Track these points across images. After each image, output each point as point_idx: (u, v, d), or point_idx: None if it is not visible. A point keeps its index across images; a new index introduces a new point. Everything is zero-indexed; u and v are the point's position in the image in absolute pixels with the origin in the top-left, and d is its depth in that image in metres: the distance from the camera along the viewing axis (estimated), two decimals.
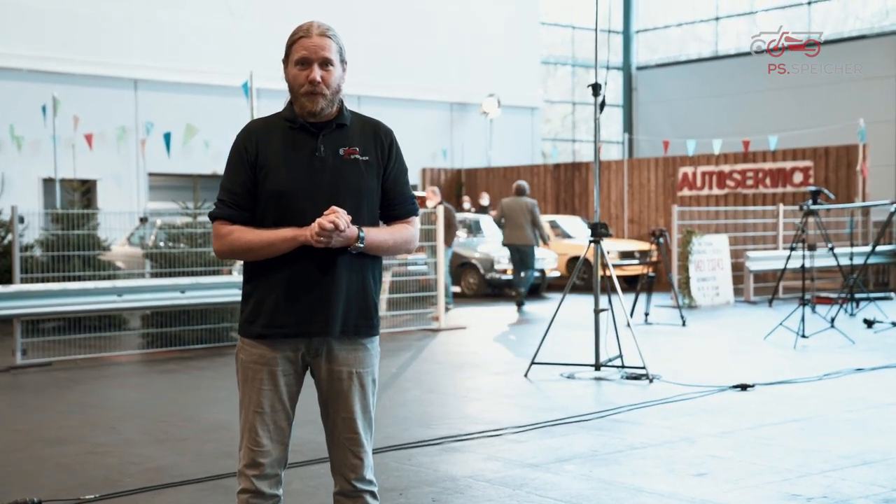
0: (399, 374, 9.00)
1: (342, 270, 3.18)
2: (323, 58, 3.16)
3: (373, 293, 3.28)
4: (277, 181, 3.15)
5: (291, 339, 3.21)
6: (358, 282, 3.23)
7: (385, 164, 3.27)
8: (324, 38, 3.17)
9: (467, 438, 6.30)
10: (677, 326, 12.42)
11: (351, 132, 3.25)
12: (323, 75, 3.16)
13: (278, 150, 3.19)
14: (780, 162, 18.38)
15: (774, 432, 6.37)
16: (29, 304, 9.38)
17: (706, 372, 8.84)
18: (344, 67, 3.25)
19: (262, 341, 3.21)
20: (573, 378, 8.63)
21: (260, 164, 3.18)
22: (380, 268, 3.33)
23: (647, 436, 6.34)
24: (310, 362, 3.27)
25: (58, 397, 7.88)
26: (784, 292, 16.17)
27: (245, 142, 3.23)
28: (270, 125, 3.26)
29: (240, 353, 3.29)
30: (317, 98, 3.16)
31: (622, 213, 20.27)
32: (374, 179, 3.24)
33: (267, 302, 3.19)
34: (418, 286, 13.92)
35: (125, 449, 6.04)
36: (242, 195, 3.20)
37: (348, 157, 3.20)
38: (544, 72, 28.60)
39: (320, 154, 3.19)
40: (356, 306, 3.23)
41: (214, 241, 3.23)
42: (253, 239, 3.15)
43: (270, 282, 3.19)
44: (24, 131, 17.84)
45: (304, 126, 3.21)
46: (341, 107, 3.26)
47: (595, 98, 8.74)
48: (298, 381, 3.29)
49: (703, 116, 27.23)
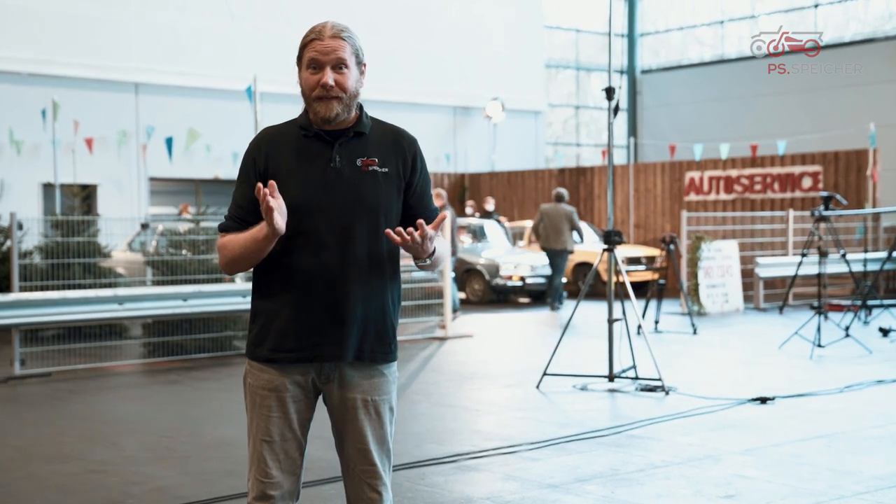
0: (407, 386, 8.76)
1: (358, 289, 2.94)
2: (336, 59, 2.93)
3: (392, 315, 3.05)
4: (288, 195, 2.91)
5: (301, 364, 2.98)
6: (377, 303, 3.00)
7: (409, 177, 3.03)
8: (337, 40, 2.95)
9: (482, 456, 6.07)
10: (688, 335, 12.19)
11: (370, 141, 3.02)
12: (337, 78, 2.93)
13: (290, 160, 2.96)
14: (788, 167, 18.16)
15: (801, 449, 6.14)
16: (28, 313, 9.15)
17: (722, 383, 8.61)
18: (362, 70, 3.02)
19: (270, 365, 2.99)
20: (586, 390, 8.40)
21: (270, 176, 2.95)
22: (399, 288, 3.09)
23: (668, 453, 6.10)
24: (321, 388, 3.04)
25: (57, 410, 7.64)
26: (794, 299, 15.94)
27: (254, 153, 3.00)
28: (283, 133, 3.03)
29: (247, 377, 3.06)
30: (331, 103, 2.93)
31: (628, 218, 20.04)
32: (395, 193, 3.00)
33: (275, 323, 2.97)
34: (423, 293, 13.71)
35: (127, 467, 5.80)
36: (249, 210, 2.97)
37: (366, 168, 2.97)
38: (547, 75, 28.38)
39: (335, 165, 2.95)
40: (374, 329, 3.00)
41: (219, 256, 3.02)
42: (237, 245, 2.94)
43: (279, 301, 2.96)
44: (23, 136, 17.62)
45: (319, 134, 2.98)
46: (360, 113, 3.03)
47: (609, 102, 8.53)
48: (310, 408, 3.06)
49: (710, 120, 27.01)
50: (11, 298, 9.11)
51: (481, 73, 24.23)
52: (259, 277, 3.02)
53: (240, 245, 2.93)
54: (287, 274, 2.94)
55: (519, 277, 16.50)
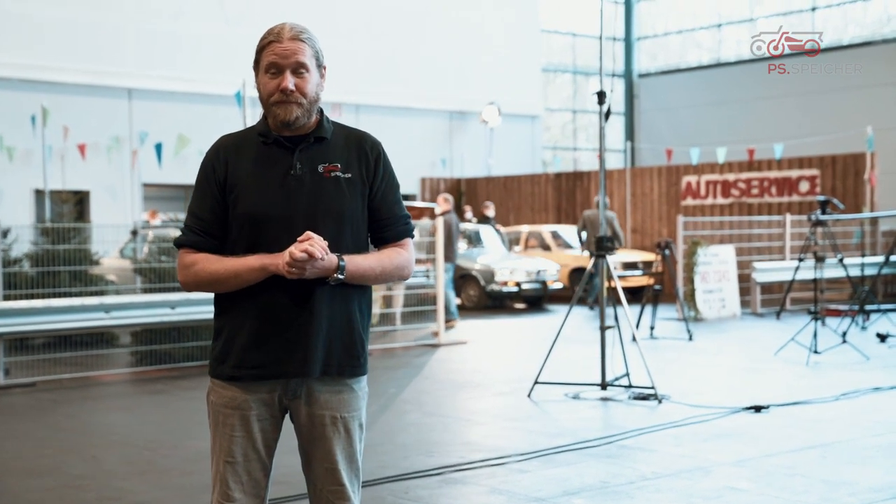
0: (398, 395, 8.63)
1: (323, 302, 2.81)
2: (296, 63, 2.80)
3: (360, 327, 2.91)
4: (248, 204, 2.80)
5: (266, 381, 2.85)
6: (342, 315, 2.86)
7: (371, 181, 2.90)
8: (297, 42, 2.81)
9: (469, 468, 5.93)
10: (684, 341, 12.05)
11: (332, 146, 2.88)
12: (297, 82, 2.80)
13: (249, 168, 2.83)
14: (785, 170, 18.03)
15: (794, 460, 6.00)
16: (11, 322, 9.01)
17: (717, 391, 8.48)
18: (322, 73, 2.89)
19: (234, 383, 2.86)
20: (578, 398, 8.26)
21: (230, 186, 2.82)
22: (369, 297, 2.96)
23: (659, 464, 5.97)
24: (288, 405, 2.91)
25: (39, 421, 7.50)
26: (791, 304, 15.82)
27: (213, 161, 2.87)
28: (242, 141, 2.90)
29: (210, 395, 2.93)
30: (290, 107, 2.80)
31: (625, 222, 19.91)
32: (359, 199, 2.87)
33: (238, 339, 2.83)
34: (417, 300, 13.58)
35: (104, 481, 5.66)
36: (211, 221, 2.84)
37: (328, 174, 2.84)
38: (544, 79, 28.26)
39: (296, 172, 2.82)
40: (340, 342, 2.86)
41: (179, 271, 2.87)
42: (219, 269, 2.79)
43: (242, 316, 2.83)
44: (16, 142, 17.48)
45: (279, 140, 2.85)
46: (321, 118, 2.90)
47: (600, 107, 8.39)
48: (276, 427, 2.92)
49: (707, 124, 26.89)
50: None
51: (478, 77, 24.11)
52: (221, 293, 2.89)
53: (226, 272, 2.78)
54: (250, 288, 2.81)
55: (514, 283, 16.36)
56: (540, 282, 16.56)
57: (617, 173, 20.52)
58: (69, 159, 17.74)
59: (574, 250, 17.94)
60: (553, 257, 17.79)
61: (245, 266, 2.77)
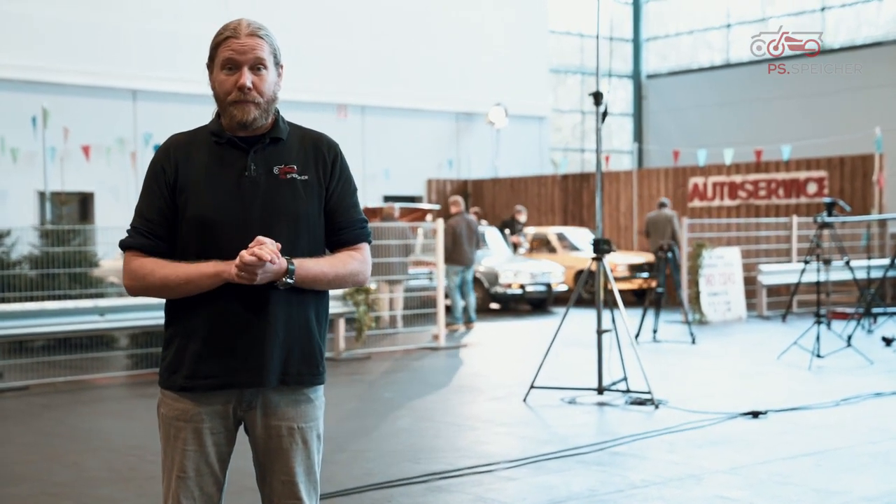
0: (392, 400, 8.53)
1: (279, 308, 2.71)
2: (254, 59, 2.70)
3: (317, 334, 2.81)
4: (200, 207, 2.69)
5: (220, 392, 2.74)
6: (299, 321, 2.76)
7: (327, 183, 2.80)
8: (254, 38, 2.72)
9: (456, 475, 5.83)
10: (686, 344, 11.92)
11: (288, 147, 2.78)
12: (254, 80, 2.70)
13: (201, 169, 2.73)
14: (793, 172, 17.86)
15: (789, 468, 5.88)
16: (5, 325, 8.94)
17: (715, 396, 8.36)
18: (279, 72, 2.79)
19: (185, 394, 2.75)
20: (574, 403, 8.15)
21: (180, 187, 2.72)
22: (326, 305, 2.86)
23: (650, 472, 5.85)
24: (242, 417, 2.81)
25: (27, 427, 7.43)
26: (798, 306, 15.66)
27: (163, 161, 2.76)
28: (194, 140, 2.79)
29: (161, 407, 2.83)
30: (247, 106, 2.70)
31: (631, 224, 19.77)
32: (315, 202, 2.77)
33: (189, 348, 2.73)
34: (420, 302, 13.48)
35: (83, 489, 5.58)
36: (159, 223, 2.74)
37: (284, 176, 2.74)
38: (554, 81, 28.14)
39: (251, 174, 2.72)
40: (299, 350, 2.76)
41: (124, 276, 2.77)
42: (169, 274, 2.68)
43: (193, 324, 2.72)
44: (20, 143, 17.46)
45: (233, 141, 2.75)
46: (277, 118, 2.80)
47: (597, 108, 8.28)
48: (230, 440, 2.82)
49: (715, 125, 26.70)
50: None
51: (484, 78, 24.00)
52: (172, 300, 2.79)
53: (177, 279, 2.67)
54: (201, 295, 2.71)
55: (519, 285, 16.24)
56: (544, 284, 16.43)
57: (624, 175, 20.37)
58: (73, 161, 17.72)
59: (580, 252, 17.80)
60: (558, 259, 17.66)
61: (198, 272, 2.67)
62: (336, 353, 10.99)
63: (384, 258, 12.73)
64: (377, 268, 12.87)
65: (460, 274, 14.04)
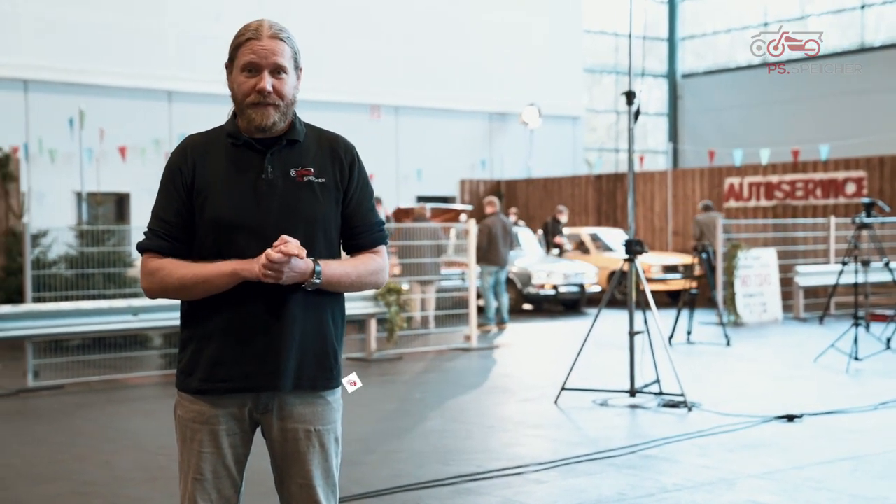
0: (423, 401, 8.51)
1: (295, 312, 2.69)
2: (275, 64, 2.69)
3: (333, 338, 2.79)
4: (217, 209, 2.68)
5: (236, 395, 2.73)
6: (315, 325, 2.74)
7: (345, 186, 2.77)
8: (276, 41, 2.70)
9: (485, 478, 5.79)
10: (721, 346, 11.79)
11: (305, 149, 2.76)
12: (274, 84, 2.68)
13: (218, 171, 2.71)
14: (831, 172, 17.61)
15: (824, 473, 5.78)
16: (40, 325, 9.02)
17: (750, 399, 8.24)
18: (299, 75, 2.77)
19: (202, 397, 2.74)
20: (606, 405, 8.07)
21: (197, 189, 2.71)
22: (342, 307, 2.84)
23: (681, 476, 5.77)
24: (259, 419, 2.79)
25: (60, 425, 7.49)
26: (836, 308, 15.44)
27: (180, 162, 2.75)
28: (210, 142, 2.78)
29: (177, 409, 2.82)
30: (267, 110, 2.68)
31: (666, 225, 19.61)
32: (332, 205, 2.75)
33: (206, 351, 2.72)
34: (453, 303, 13.46)
35: (114, 488, 5.61)
36: (176, 224, 2.73)
37: (301, 179, 2.72)
38: (589, 80, 27.99)
39: (268, 176, 2.70)
40: (312, 355, 2.74)
41: (142, 278, 2.76)
42: (186, 274, 2.67)
43: (209, 327, 2.71)
44: (57, 144, 17.66)
45: (249, 143, 2.73)
46: (294, 120, 2.78)
47: (629, 107, 8.21)
48: (246, 442, 2.80)
49: (751, 125, 26.41)
50: (23, 310, 9.00)
51: (518, 78, 23.92)
52: (188, 302, 2.77)
53: (194, 278, 2.66)
54: (218, 297, 2.69)
55: (552, 286, 16.16)
56: (578, 285, 16.34)
57: (658, 175, 20.21)
58: (109, 161, 17.88)
59: (614, 252, 17.68)
60: (592, 260, 17.55)
61: (215, 272, 2.65)
62: (368, 354, 10.99)
63: (416, 258, 12.71)
64: (409, 268, 12.88)
65: (494, 274, 13.99)
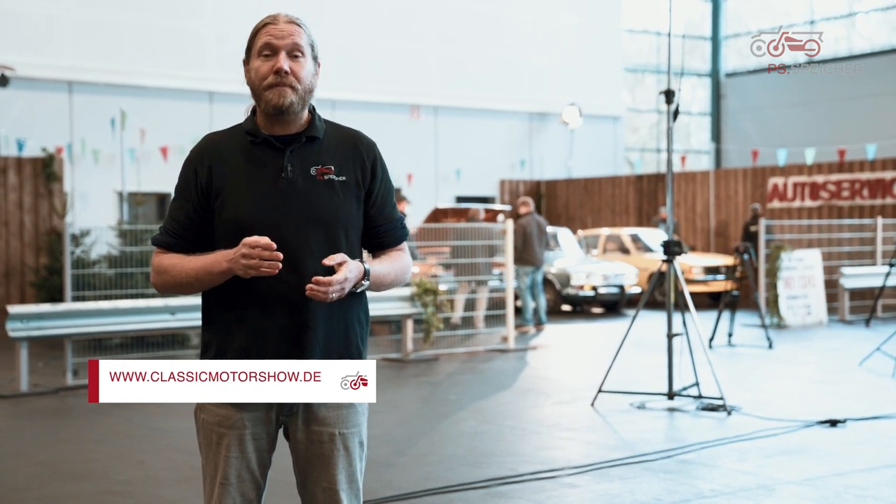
0: (457, 402, 8.44)
1: (319, 315, 2.65)
2: (292, 44, 2.64)
3: (358, 339, 2.75)
4: (236, 209, 2.64)
5: None
6: (340, 325, 2.70)
7: (368, 185, 2.73)
8: (293, 25, 2.67)
9: (516, 481, 5.71)
10: (763, 349, 11.59)
11: (325, 147, 2.71)
12: (292, 66, 2.64)
13: (236, 171, 2.67)
14: (878, 172, 17.27)
15: (867, 480, 5.62)
16: (79, 324, 9.10)
17: (792, 403, 8.08)
18: (317, 68, 2.72)
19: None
20: (644, 408, 7.95)
21: (215, 190, 2.67)
22: (366, 308, 2.80)
23: (719, 481, 5.65)
24: (284, 421, 2.74)
25: (95, 424, 7.53)
26: (883, 311, 15.15)
27: (196, 163, 2.71)
28: (228, 140, 2.73)
29: (200, 412, 2.79)
30: (284, 90, 2.62)
31: (708, 225, 19.37)
32: (353, 203, 2.70)
33: (229, 353, 2.68)
34: (491, 304, 13.38)
35: (147, 488, 5.61)
36: (185, 225, 2.71)
37: (321, 177, 2.67)
38: (631, 80, 27.77)
39: (287, 175, 2.65)
40: (337, 356, 2.69)
41: (151, 274, 2.76)
42: (185, 266, 2.67)
43: (232, 330, 2.68)
44: (100, 145, 17.86)
45: (268, 140, 2.68)
46: (313, 116, 2.73)
47: (668, 106, 8.08)
48: (271, 446, 2.76)
49: (796, 125, 26.03)
50: (62, 309, 9.09)
51: (558, 78, 23.79)
52: (209, 303, 2.74)
53: (188, 273, 2.66)
54: (240, 299, 2.66)
55: (591, 287, 16.02)
56: (617, 286, 16.18)
57: (700, 175, 19.98)
58: (150, 161, 18.04)
59: (654, 253, 17.49)
60: (632, 261, 17.38)
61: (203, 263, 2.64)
62: (404, 355, 10.95)
63: (470, 258, 12.70)
64: (463, 268, 12.84)
65: (530, 275, 13.88)
